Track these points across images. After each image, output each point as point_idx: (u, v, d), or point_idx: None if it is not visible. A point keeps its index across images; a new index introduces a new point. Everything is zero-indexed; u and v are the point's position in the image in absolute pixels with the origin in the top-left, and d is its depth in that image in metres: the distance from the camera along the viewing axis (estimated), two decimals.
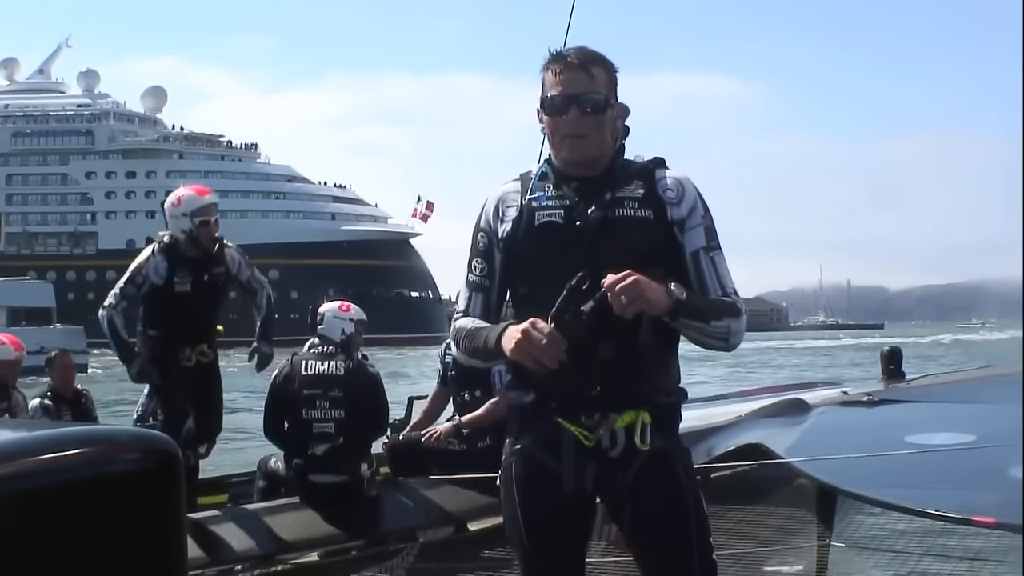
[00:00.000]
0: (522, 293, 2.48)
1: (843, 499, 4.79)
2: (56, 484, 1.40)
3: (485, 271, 2.52)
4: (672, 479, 2.43)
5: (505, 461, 2.52)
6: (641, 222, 2.41)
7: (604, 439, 2.38)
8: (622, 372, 2.34)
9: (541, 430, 2.43)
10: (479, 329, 2.44)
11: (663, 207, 2.43)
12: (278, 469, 5.53)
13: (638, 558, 2.50)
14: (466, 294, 2.54)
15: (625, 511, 2.43)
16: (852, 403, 5.82)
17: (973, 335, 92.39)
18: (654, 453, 2.39)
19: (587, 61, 2.44)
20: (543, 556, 2.45)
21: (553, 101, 2.44)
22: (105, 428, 2.15)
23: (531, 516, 2.45)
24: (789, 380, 17.55)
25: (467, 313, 2.52)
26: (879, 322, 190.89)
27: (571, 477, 2.39)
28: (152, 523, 1.49)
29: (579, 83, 2.42)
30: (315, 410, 5.23)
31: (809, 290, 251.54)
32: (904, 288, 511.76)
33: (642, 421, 2.38)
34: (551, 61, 2.47)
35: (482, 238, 2.52)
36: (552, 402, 2.39)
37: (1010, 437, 4.18)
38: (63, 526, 1.41)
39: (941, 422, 5.11)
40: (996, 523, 3.85)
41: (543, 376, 2.28)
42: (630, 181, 2.45)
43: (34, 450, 1.43)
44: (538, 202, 2.46)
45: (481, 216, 2.55)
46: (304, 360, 5.34)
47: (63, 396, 6.62)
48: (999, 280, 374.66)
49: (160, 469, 1.49)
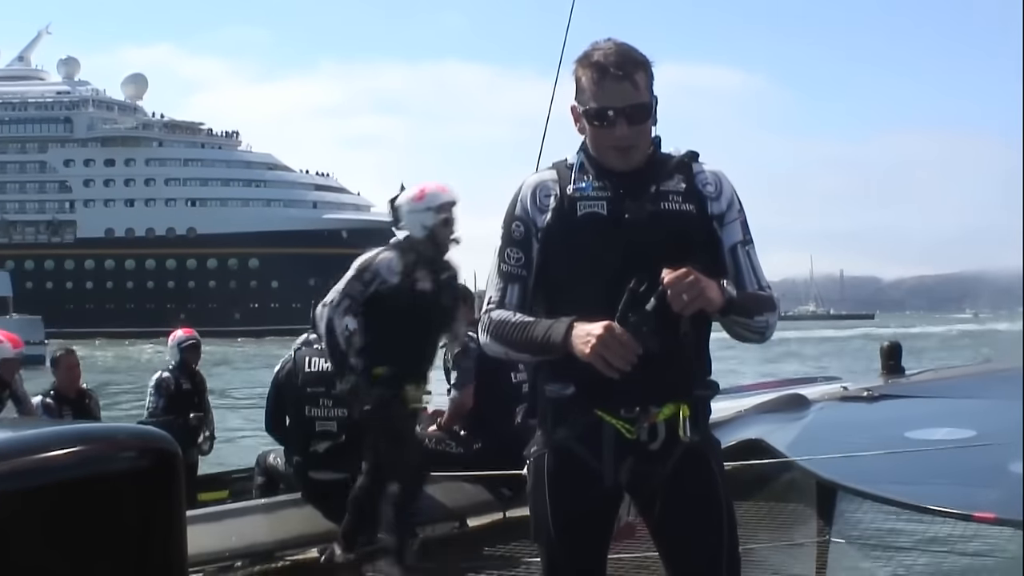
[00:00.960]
0: (558, 284, 2.43)
1: (843, 495, 4.82)
2: (56, 482, 1.40)
3: (522, 261, 2.44)
4: (707, 472, 2.43)
5: (536, 454, 2.48)
6: (685, 216, 2.40)
7: (643, 432, 2.36)
8: (665, 365, 2.31)
9: (579, 423, 2.40)
10: (529, 322, 2.38)
11: (704, 201, 2.43)
12: (277, 465, 5.50)
13: (669, 549, 2.47)
14: (500, 284, 2.46)
15: (657, 504, 2.42)
16: (852, 398, 5.85)
17: (969, 326, 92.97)
18: (690, 446, 2.38)
19: (630, 68, 2.35)
20: (571, 552, 2.44)
21: (600, 114, 2.36)
22: (104, 426, 2.15)
23: (562, 511, 2.43)
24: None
25: (503, 304, 2.45)
26: (870, 312, 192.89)
27: (611, 471, 2.38)
28: (152, 520, 1.49)
29: (625, 95, 2.34)
30: (318, 408, 5.18)
31: (800, 280, 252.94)
32: (897, 278, 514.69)
33: (682, 414, 2.38)
34: (591, 67, 2.37)
35: (517, 227, 2.44)
36: (592, 395, 2.36)
37: (1010, 433, 4.21)
38: (64, 523, 1.41)
39: (941, 418, 5.12)
40: (996, 519, 3.87)
41: (583, 369, 2.26)
42: (671, 175, 2.43)
43: (34, 448, 1.43)
44: (580, 192, 2.41)
45: (517, 204, 2.46)
46: (307, 356, 5.30)
47: (66, 395, 6.58)
48: (992, 271, 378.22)
49: (159, 466, 1.50)
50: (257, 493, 5.60)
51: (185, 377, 7.39)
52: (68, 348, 7.12)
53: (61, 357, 6.79)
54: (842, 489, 4.64)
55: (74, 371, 6.77)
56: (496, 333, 2.43)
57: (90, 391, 6.90)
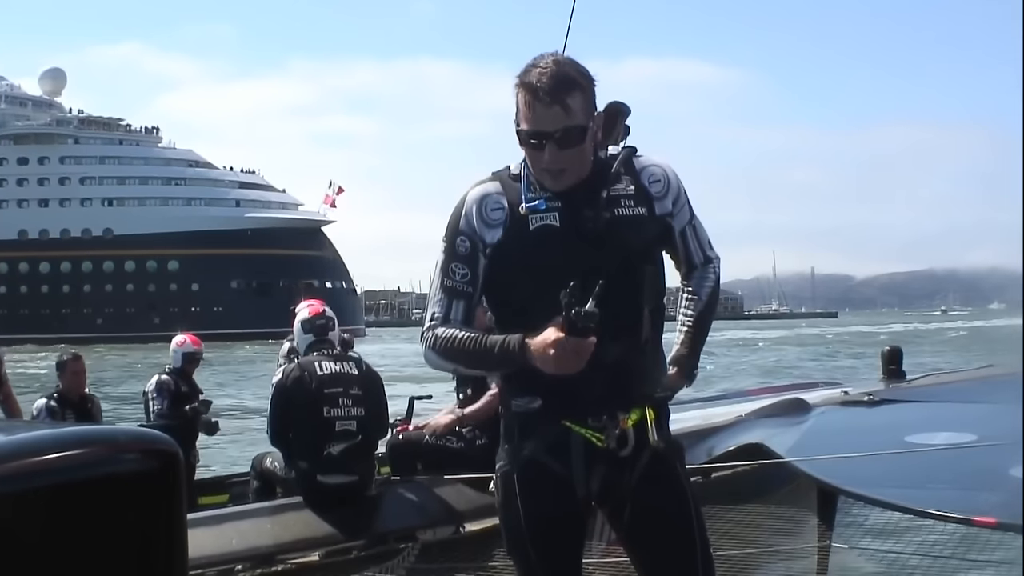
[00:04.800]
0: (512, 300, 2.41)
1: (844, 499, 4.80)
2: (57, 484, 1.40)
3: (468, 277, 2.40)
4: (673, 474, 2.45)
5: (503, 468, 2.47)
6: (639, 220, 2.41)
7: (613, 439, 2.36)
8: (626, 371, 2.34)
9: (548, 435, 2.40)
10: (480, 337, 2.34)
11: (652, 202, 2.44)
12: (274, 469, 5.51)
13: (640, 555, 2.47)
14: (444, 300, 2.41)
15: (626, 510, 2.42)
16: (852, 403, 5.83)
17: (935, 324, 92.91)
18: (655, 450, 2.40)
19: (561, 92, 2.28)
20: (548, 563, 2.43)
21: (527, 138, 2.33)
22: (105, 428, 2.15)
23: (537, 523, 2.42)
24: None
25: (448, 320, 2.41)
26: (833, 311, 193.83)
27: (583, 481, 2.37)
28: (153, 523, 1.49)
29: (553, 119, 2.29)
30: (338, 407, 5.18)
31: (764, 279, 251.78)
32: (869, 276, 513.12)
33: (649, 417, 2.39)
34: (524, 87, 2.31)
35: (462, 242, 2.39)
36: (559, 406, 2.36)
37: (1011, 437, 4.18)
38: (64, 526, 1.41)
39: (942, 422, 5.11)
40: (997, 523, 3.85)
41: (549, 381, 2.25)
42: (618, 177, 2.42)
43: (35, 450, 1.43)
44: (532, 207, 2.37)
45: (461, 218, 2.41)
46: (315, 361, 5.32)
47: (69, 399, 6.63)
48: (964, 269, 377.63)
49: (160, 469, 1.49)
50: (254, 497, 5.61)
51: (182, 381, 7.46)
52: (75, 353, 7.19)
53: (68, 362, 6.85)
54: (843, 494, 4.62)
55: (80, 376, 6.83)
56: (444, 349, 2.39)
57: (92, 396, 6.95)
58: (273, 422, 5.36)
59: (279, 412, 5.33)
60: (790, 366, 32.58)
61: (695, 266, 2.59)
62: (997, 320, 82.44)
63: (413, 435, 5.82)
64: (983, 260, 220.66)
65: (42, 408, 6.51)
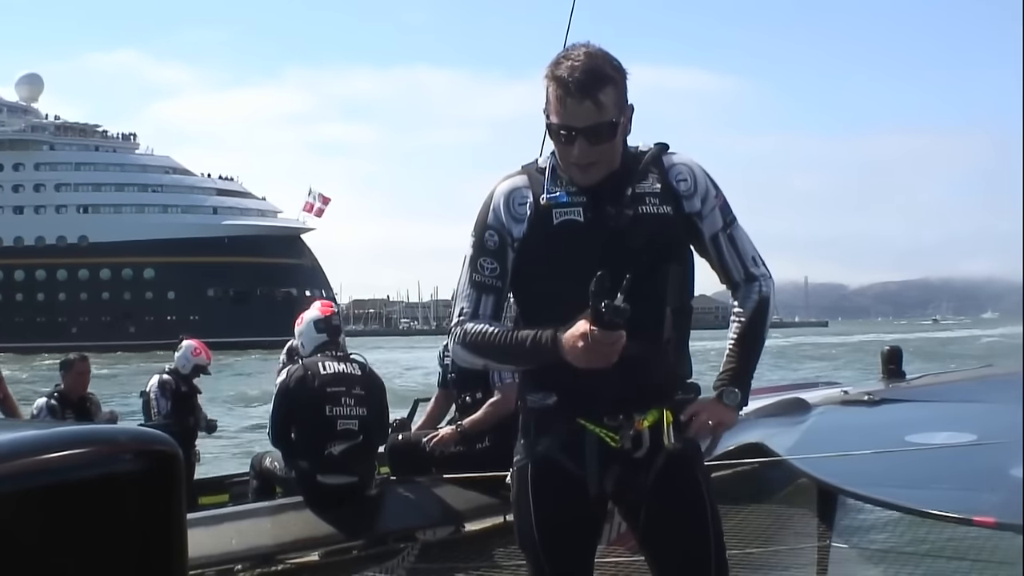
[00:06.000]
0: (537, 295, 2.39)
1: (844, 499, 4.80)
2: (57, 484, 1.40)
3: (497, 271, 2.38)
4: (691, 478, 2.42)
5: (519, 463, 2.46)
6: (663, 219, 2.37)
7: (627, 440, 2.34)
8: (647, 371, 2.31)
9: (562, 432, 2.38)
10: (512, 332, 2.33)
11: (680, 201, 2.39)
12: (274, 469, 5.50)
13: (657, 556, 2.46)
14: (473, 295, 2.40)
15: (642, 512, 2.40)
16: (853, 402, 5.83)
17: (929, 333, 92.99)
18: (673, 452, 2.36)
19: (594, 87, 2.25)
20: (556, 561, 2.43)
21: (558, 133, 2.31)
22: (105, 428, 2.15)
23: (547, 521, 2.41)
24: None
25: (477, 315, 2.39)
26: (824, 320, 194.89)
27: (595, 480, 2.36)
28: (152, 523, 1.49)
29: (585, 115, 2.26)
30: (340, 407, 5.18)
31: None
32: (863, 285, 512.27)
33: (666, 420, 2.36)
34: (555, 81, 2.28)
35: (491, 236, 2.38)
36: (575, 404, 2.34)
37: (1011, 437, 4.18)
38: (64, 525, 1.41)
39: (942, 422, 5.11)
40: (997, 523, 3.84)
41: (565, 378, 2.24)
42: (645, 175, 2.39)
43: (35, 450, 1.43)
44: (554, 200, 2.35)
45: (489, 213, 2.39)
46: (319, 362, 5.32)
47: (69, 398, 6.64)
48: (960, 278, 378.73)
49: (160, 469, 1.49)
50: (253, 497, 5.61)
51: (182, 381, 7.47)
52: (82, 354, 7.22)
53: (74, 362, 6.87)
54: (843, 493, 4.62)
55: (84, 377, 6.84)
56: (474, 344, 2.38)
57: (91, 395, 6.95)
58: (275, 422, 5.34)
59: (282, 413, 5.31)
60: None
61: (737, 284, 2.49)
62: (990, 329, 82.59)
63: (413, 436, 5.82)
64: (979, 269, 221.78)
65: (42, 407, 6.52)
